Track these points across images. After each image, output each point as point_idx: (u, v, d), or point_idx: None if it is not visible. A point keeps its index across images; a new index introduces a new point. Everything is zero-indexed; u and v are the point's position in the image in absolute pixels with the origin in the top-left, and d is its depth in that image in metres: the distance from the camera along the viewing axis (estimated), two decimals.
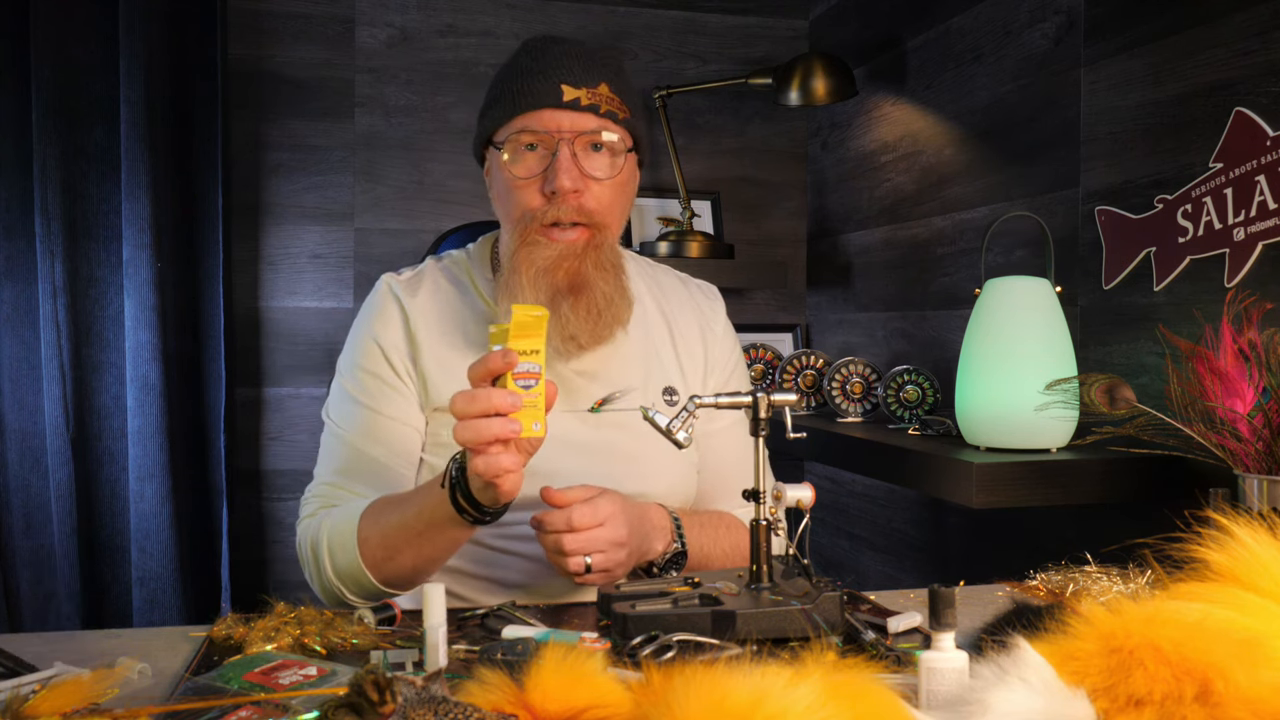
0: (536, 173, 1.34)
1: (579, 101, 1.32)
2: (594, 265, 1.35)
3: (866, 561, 2.65)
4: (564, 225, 1.34)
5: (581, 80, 1.33)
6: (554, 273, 1.33)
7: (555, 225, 1.34)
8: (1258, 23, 1.55)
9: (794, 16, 2.96)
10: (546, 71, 1.33)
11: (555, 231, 1.34)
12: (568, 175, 1.32)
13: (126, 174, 2.39)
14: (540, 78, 1.33)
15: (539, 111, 1.32)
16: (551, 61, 1.34)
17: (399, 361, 1.41)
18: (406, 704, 0.71)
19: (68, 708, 0.85)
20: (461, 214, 2.69)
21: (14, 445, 2.41)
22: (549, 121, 1.32)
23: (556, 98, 1.32)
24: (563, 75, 1.33)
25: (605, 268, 1.36)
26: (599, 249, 1.36)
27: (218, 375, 2.48)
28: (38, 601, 2.42)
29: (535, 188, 1.34)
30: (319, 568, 1.32)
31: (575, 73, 1.33)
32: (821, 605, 1.07)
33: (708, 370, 1.52)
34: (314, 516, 1.38)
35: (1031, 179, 2.04)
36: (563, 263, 1.33)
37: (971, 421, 1.73)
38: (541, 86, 1.33)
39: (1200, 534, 0.94)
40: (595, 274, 1.35)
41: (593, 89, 1.33)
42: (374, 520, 1.29)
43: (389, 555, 1.27)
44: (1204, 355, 1.34)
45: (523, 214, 1.35)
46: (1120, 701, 0.78)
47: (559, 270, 1.33)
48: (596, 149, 1.35)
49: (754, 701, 0.70)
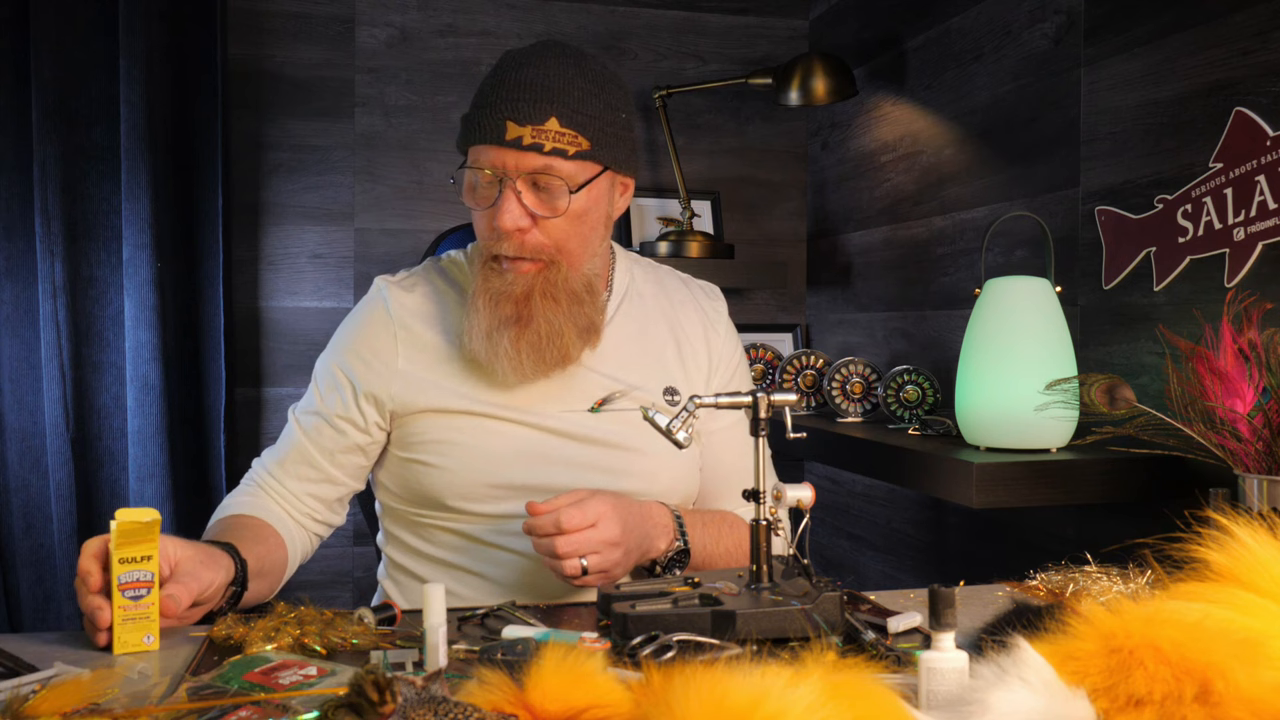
0: (485, 207, 1.34)
1: (521, 140, 1.29)
2: (542, 295, 1.35)
3: (866, 561, 2.65)
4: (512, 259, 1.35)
5: (527, 117, 1.29)
6: (503, 303, 1.35)
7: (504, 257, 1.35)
8: (1258, 23, 1.55)
9: (794, 16, 2.96)
10: (496, 105, 1.30)
11: (507, 262, 1.35)
12: (509, 215, 1.31)
13: (126, 174, 2.39)
14: (489, 111, 1.31)
15: (486, 147, 1.31)
16: (503, 94, 1.31)
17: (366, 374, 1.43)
18: (406, 704, 0.71)
19: (68, 708, 0.85)
20: (461, 214, 2.69)
21: (14, 445, 2.41)
22: (495, 158, 1.31)
23: (499, 135, 1.30)
24: (508, 111, 1.29)
25: (557, 298, 1.35)
26: (550, 280, 1.35)
27: (218, 375, 2.48)
28: (38, 601, 2.42)
29: (487, 220, 1.35)
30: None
31: (521, 109, 1.29)
32: (821, 605, 1.07)
33: (711, 370, 1.53)
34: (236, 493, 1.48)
35: (1031, 179, 2.04)
36: (511, 292, 1.34)
37: (971, 421, 1.73)
38: (489, 121, 1.31)
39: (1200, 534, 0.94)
40: (543, 304, 1.35)
41: (539, 125, 1.29)
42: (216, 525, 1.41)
43: None
44: (1204, 355, 1.34)
45: (480, 238, 1.38)
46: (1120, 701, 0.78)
47: (508, 301, 1.35)
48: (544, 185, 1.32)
49: (754, 701, 0.70)
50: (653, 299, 1.52)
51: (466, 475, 1.38)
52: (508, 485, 1.39)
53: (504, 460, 1.39)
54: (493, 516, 1.40)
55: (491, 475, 1.39)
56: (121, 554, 1.06)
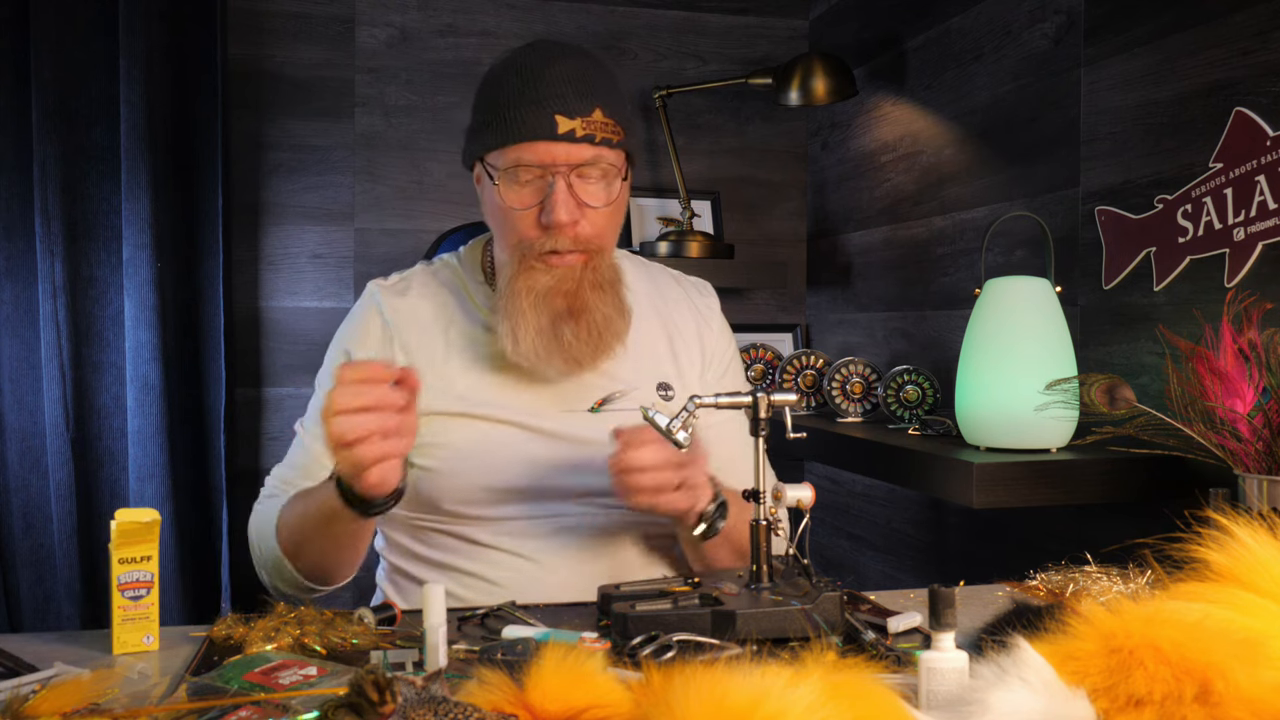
0: (532, 204, 1.32)
1: (574, 133, 1.29)
2: (591, 286, 1.35)
3: (866, 561, 2.65)
4: (561, 253, 1.34)
5: (576, 110, 1.29)
6: (553, 298, 1.34)
7: (553, 252, 1.34)
8: (1258, 23, 1.55)
9: (794, 16, 2.96)
10: (541, 101, 1.29)
11: (553, 258, 1.34)
12: (564, 209, 1.31)
13: (126, 174, 2.39)
14: (534, 107, 1.29)
15: (534, 144, 1.30)
16: (545, 89, 1.30)
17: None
18: (406, 704, 0.71)
19: (68, 708, 0.85)
20: (461, 214, 2.69)
21: (14, 445, 2.41)
22: (544, 154, 1.30)
23: (551, 130, 1.29)
24: (557, 105, 1.29)
25: (603, 287, 1.37)
26: (596, 270, 1.36)
27: (218, 375, 2.48)
28: (38, 601, 2.42)
29: (531, 218, 1.33)
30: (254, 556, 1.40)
31: (569, 101, 1.29)
32: (821, 605, 1.07)
33: (704, 366, 1.52)
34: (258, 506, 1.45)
35: (1031, 179, 2.04)
36: (562, 287, 1.34)
37: (971, 421, 1.73)
38: (535, 117, 1.29)
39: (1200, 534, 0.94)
40: (593, 295, 1.35)
41: (587, 117, 1.30)
42: (289, 509, 1.34)
43: (298, 544, 1.32)
44: (1204, 355, 1.34)
45: (519, 241, 1.35)
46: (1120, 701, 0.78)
47: (558, 295, 1.34)
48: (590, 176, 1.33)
49: (754, 701, 0.70)
50: (644, 295, 1.52)
51: (464, 480, 1.38)
52: (505, 489, 1.38)
53: (501, 464, 1.38)
54: (492, 520, 1.40)
55: (489, 479, 1.38)
56: (121, 554, 1.06)
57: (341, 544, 1.31)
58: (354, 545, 1.33)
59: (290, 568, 1.34)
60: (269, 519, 1.37)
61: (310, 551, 1.32)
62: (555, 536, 1.40)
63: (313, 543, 1.31)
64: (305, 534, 1.31)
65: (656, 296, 1.54)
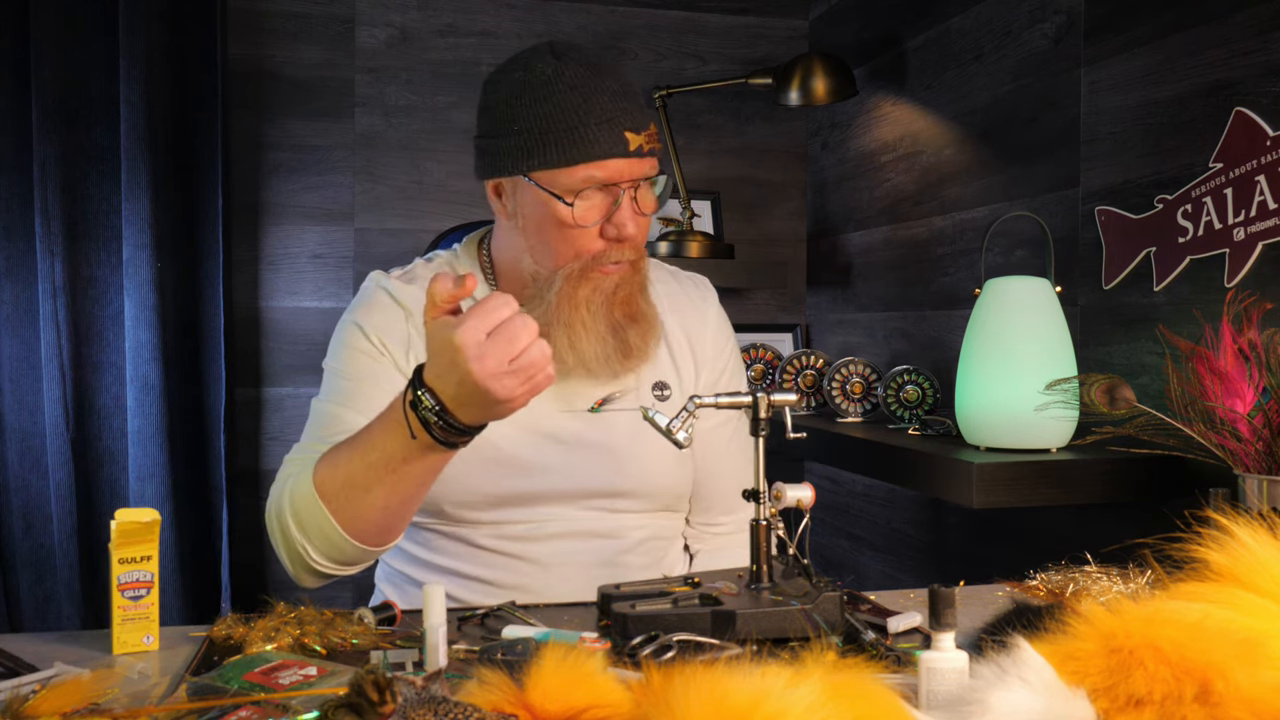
0: (598, 219, 1.33)
1: (641, 148, 1.32)
2: (639, 290, 1.39)
3: (866, 561, 2.65)
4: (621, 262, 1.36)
5: (640, 125, 1.32)
6: (611, 307, 1.35)
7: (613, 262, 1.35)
8: (1258, 23, 1.55)
9: (794, 16, 2.96)
10: (611, 119, 1.30)
11: (611, 267, 1.35)
12: (634, 223, 1.33)
13: (126, 174, 2.39)
14: (606, 126, 1.30)
15: (606, 161, 1.30)
16: (610, 105, 1.31)
17: (379, 338, 1.40)
18: (406, 704, 0.71)
19: (68, 708, 0.85)
20: (461, 214, 2.69)
21: (14, 445, 2.41)
22: (614, 172, 1.31)
23: (623, 147, 1.30)
24: (626, 122, 1.31)
25: (645, 290, 1.40)
26: (641, 273, 1.39)
27: (218, 375, 2.48)
28: (38, 601, 2.42)
29: (595, 232, 1.34)
30: (285, 534, 1.25)
31: (634, 117, 1.32)
32: (821, 605, 1.07)
33: (700, 364, 1.52)
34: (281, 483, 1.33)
35: (1031, 179, 2.04)
36: (618, 293, 1.36)
37: (971, 421, 1.73)
38: (609, 135, 1.30)
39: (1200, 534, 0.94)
40: (641, 299, 1.39)
41: (648, 131, 1.33)
42: (331, 468, 1.22)
43: (356, 502, 1.20)
44: (1204, 355, 1.34)
45: (578, 254, 1.34)
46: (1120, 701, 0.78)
47: (615, 303, 1.36)
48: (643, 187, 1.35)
49: (754, 701, 0.70)
50: None
51: (461, 484, 1.37)
52: (502, 494, 1.38)
53: (498, 470, 1.38)
54: (492, 524, 1.40)
55: (486, 485, 1.38)
56: (121, 554, 1.07)
57: (416, 486, 1.21)
58: (427, 485, 1.23)
59: (341, 533, 1.22)
60: (303, 491, 1.24)
61: (372, 506, 1.20)
62: (556, 540, 1.40)
63: (379, 491, 1.19)
64: (368, 485, 1.19)
65: (654, 293, 1.53)
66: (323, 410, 1.40)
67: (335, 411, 1.37)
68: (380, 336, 1.40)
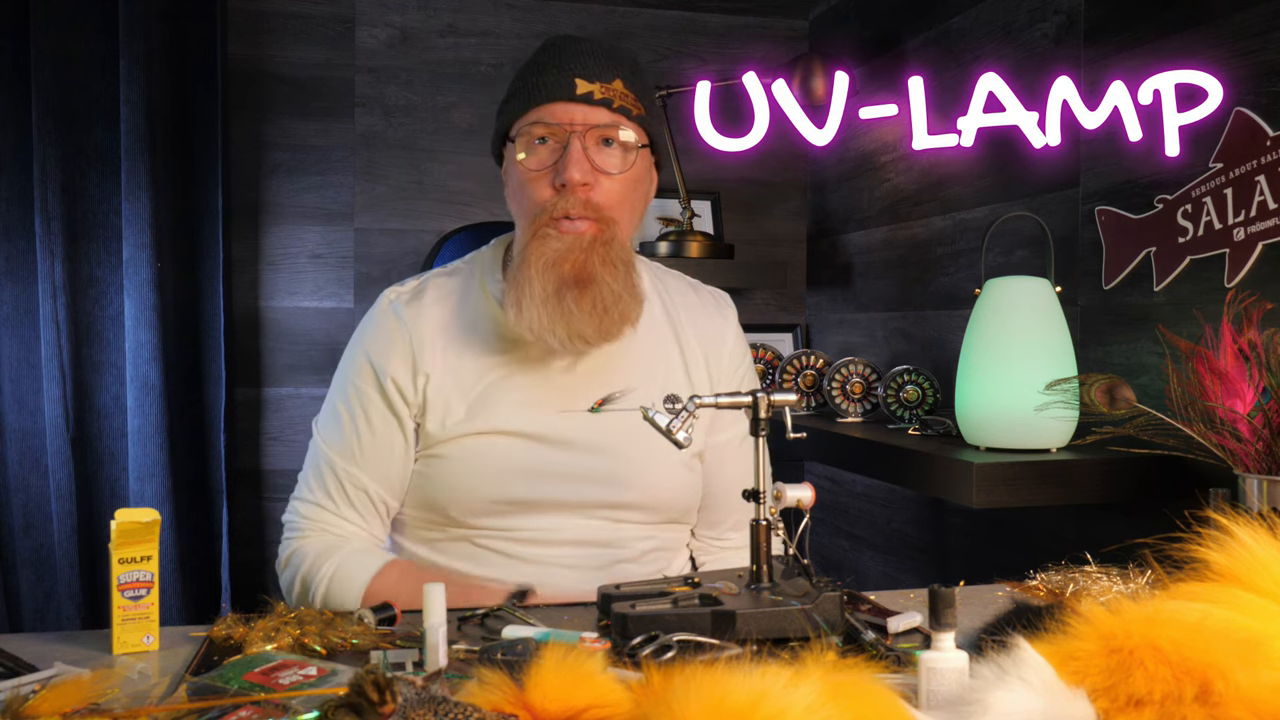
0: (547, 165, 1.34)
1: (592, 95, 1.32)
2: (601, 260, 1.34)
3: (866, 561, 2.65)
4: (573, 218, 1.33)
5: (596, 75, 1.33)
6: (560, 265, 1.32)
7: (565, 218, 1.33)
8: (1258, 23, 1.55)
9: (794, 16, 2.96)
10: (562, 65, 1.33)
11: (564, 224, 1.33)
12: (577, 168, 1.31)
13: (126, 174, 2.39)
14: (555, 71, 1.33)
15: (552, 104, 1.33)
16: (568, 56, 1.34)
17: (391, 380, 1.40)
18: (406, 704, 0.71)
19: (68, 708, 0.85)
20: (462, 214, 2.69)
21: (14, 445, 2.41)
22: (561, 114, 1.33)
23: (570, 91, 1.32)
24: (577, 69, 1.33)
25: (613, 264, 1.35)
26: (608, 244, 1.35)
27: (218, 375, 2.48)
28: (38, 601, 2.42)
29: (546, 180, 1.34)
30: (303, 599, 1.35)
31: (590, 67, 1.33)
32: (821, 605, 1.07)
33: (716, 380, 1.51)
34: (305, 539, 1.40)
35: (1031, 179, 2.04)
36: (570, 255, 1.32)
37: (971, 421, 1.73)
38: (555, 79, 1.33)
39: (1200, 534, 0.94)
40: (602, 269, 1.34)
41: (607, 84, 1.33)
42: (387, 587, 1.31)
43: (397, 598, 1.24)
44: (1204, 355, 1.34)
45: (533, 206, 1.35)
46: (1120, 701, 0.78)
47: (565, 263, 1.32)
48: (608, 144, 1.35)
49: (754, 701, 0.70)
50: (658, 303, 1.51)
51: (464, 490, 1.38)
52: (506, 500, 1.38)
53: (500, 476, 1.38)
54: (496, 529, 1.40)
55: (490, 491, 1.38)
56: (121, 554, 1.07)
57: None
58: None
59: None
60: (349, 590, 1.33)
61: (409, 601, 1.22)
62: (559, 547, 1.40)
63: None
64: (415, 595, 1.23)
65: (670, 304, 1.52)
66: (328, 457, 1.42)
67: (340, 465, 1.40)
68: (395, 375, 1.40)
